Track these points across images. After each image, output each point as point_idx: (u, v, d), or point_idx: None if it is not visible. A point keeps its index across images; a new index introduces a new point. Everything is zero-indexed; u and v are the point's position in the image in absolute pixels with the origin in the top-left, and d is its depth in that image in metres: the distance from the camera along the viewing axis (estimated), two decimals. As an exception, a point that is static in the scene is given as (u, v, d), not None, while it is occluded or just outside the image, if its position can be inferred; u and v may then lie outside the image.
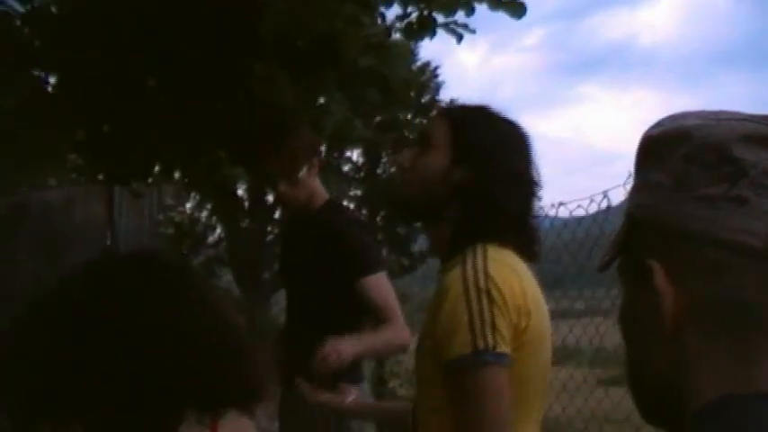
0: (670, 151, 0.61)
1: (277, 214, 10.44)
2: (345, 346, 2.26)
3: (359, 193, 11.53)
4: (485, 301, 1.30)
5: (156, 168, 3.99)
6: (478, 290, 1.31)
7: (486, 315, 1.29)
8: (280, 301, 10.63)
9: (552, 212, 3.99)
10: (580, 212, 3.94)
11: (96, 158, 4.03)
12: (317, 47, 2.93)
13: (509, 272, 1.36)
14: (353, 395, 1.81)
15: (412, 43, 3.65)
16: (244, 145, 3.38)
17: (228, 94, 3.35)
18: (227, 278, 10.45)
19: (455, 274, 1.35)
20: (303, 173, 2.51)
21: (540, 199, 1.46)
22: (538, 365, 1.40)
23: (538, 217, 1.48)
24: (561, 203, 3.91)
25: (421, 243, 11.53)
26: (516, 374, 1.32)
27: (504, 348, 1.29)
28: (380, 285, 2.38)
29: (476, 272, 1.33)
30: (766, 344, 0.58)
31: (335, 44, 2.90)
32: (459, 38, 2.97)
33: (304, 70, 3.02)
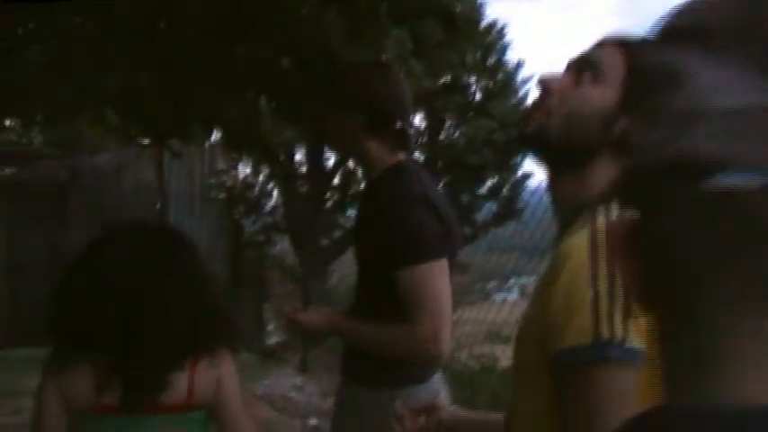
0: None
1: (336, 180, 10.09)
2: (310, 319, 2.03)
3: (421, 159, 11.07)
4: (618, 276, 0.99)
5: (194, 126, 3.63)
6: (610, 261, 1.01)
7: (618, 295, 0.99)
8: (339, 269, 10.35)
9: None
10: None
11: (131, 113, 3.70)
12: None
13: None
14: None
15: None
16: (286, 94, 2.98)
17: (268, 36, 2.94)
18: (282, 245, 10.18)
19: (579, 239, 1.06)
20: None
21: None
22: None
23: None
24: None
25: (485, 212, 11.05)
26: (643, 381, 1.00)
27: (638, 343, 0.99)
28: (420, 279, 1.86)
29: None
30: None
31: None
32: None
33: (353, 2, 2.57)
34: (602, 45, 1.18)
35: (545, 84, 1.18)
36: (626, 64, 1.13)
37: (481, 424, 1.54)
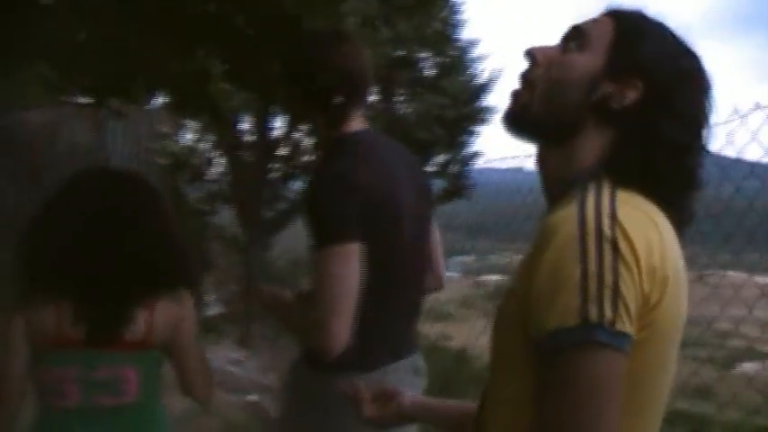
0: None
1: (282, 150, 9.87)
2: (271, 300, 1.99)
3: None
4: (608, 253, 0.94)
5: (137, 84, 3.39)
6: (600, 236, 0.95)
7: (608, 274, 0.93)
8: (282, 241, 10.17)
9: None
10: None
11: (68, 68, 3.44)
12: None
13: (645, 220, 1.00)
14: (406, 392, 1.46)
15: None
16: (239, 55, 2.80)
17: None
18: (225, 214, 9.94)
19: (567, 213, 1.00)
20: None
21: (703, 162, 1.13)
22: (663, 361, 1.03)
23: (700, 184, 1.14)
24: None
25: (435, 188, 11.00)
26: (631, 367, 0.96)
27: (627, 327, 0.93)
28: (319, 264, 1.79)
29: (598, 213, 0.97)
30: None
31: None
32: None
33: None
34: (596, 17, 1.16)
35: (531, 54, 1.14)
36: (615, 31, 1.12)
37: (443, 411, 1.47)
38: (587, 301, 0.92)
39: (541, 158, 1.16)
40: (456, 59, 11.15)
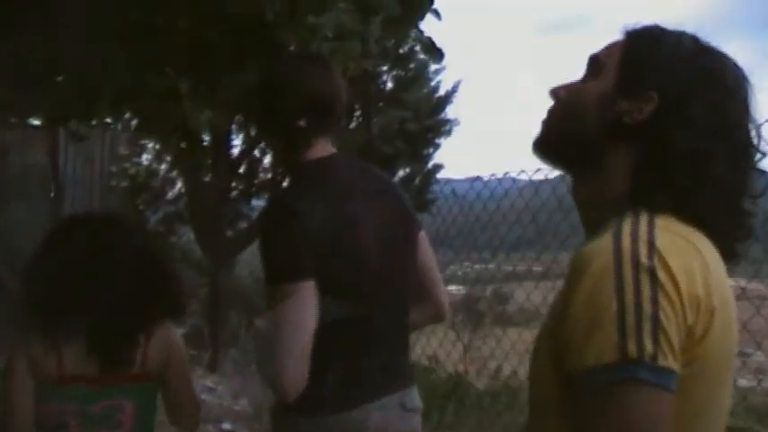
0: None
1: (242, 168, 9.70)
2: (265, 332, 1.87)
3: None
4: (646, 284, 0.89)
5: (100, 106, 3.22)
6: (638, 267, 0.90)
7: (647, 306, 0.89)
8: (244, 259, 9.98)
9: (512, 175, 4.40)
10: (539, 176, 4.19)
11: (24, 91, 3.25)
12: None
13: (686, 247, 0.96)
14: None
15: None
16: (210, 71, 2.66)
17: (194, 4, 2.61)
18: (187, 236, 9.72)
19: (601, 242, 0.95)
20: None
21: (756, 168, 1.09)
22: (714, 399, 0.98)
23: (755, 195, 1.09)
24: (522, 170, 4.30)
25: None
26: (680, 406, 0.90)
27: (671, 362, 0.88)
28: (273, 303, 1.71)
29: (635, 241, 0.93)
30: None
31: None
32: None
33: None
34: (611, 41, 1.17)
35: (554, 92, 1.17)
36: (625, 49, 1.12)
37: None
38: (625, 335, 0.88)
39: (575, 189, 1.15)
40: (416, 72, 11.13)
